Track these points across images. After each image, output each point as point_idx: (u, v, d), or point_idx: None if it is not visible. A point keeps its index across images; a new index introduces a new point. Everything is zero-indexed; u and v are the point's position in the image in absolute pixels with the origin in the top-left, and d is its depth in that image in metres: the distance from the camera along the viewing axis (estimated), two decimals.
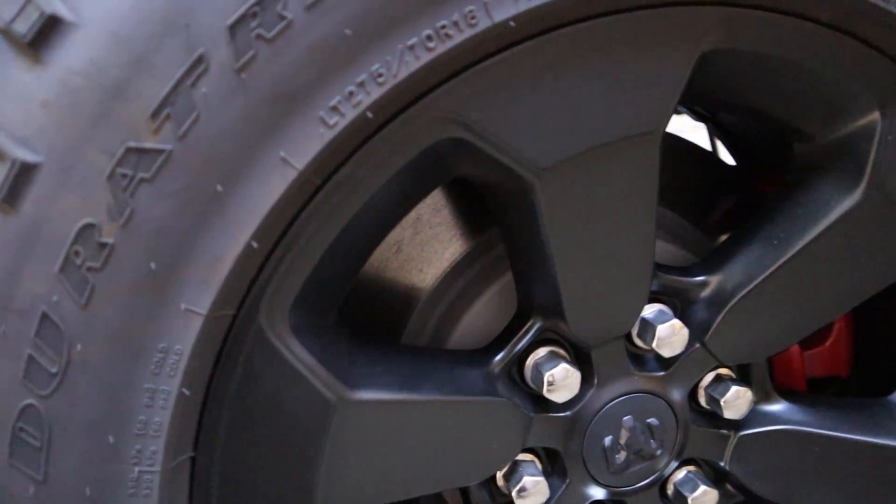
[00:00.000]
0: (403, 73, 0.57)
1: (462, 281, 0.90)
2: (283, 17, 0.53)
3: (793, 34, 0.70)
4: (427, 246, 0.91)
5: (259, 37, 0.53)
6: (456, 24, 0.57)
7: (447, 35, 0.57)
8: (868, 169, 0.78)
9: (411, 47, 0.56)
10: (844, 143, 0.79)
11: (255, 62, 0.54)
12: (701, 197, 1.03)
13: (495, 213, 0.79)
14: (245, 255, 0.58)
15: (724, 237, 1.07)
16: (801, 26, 0.70)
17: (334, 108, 0.56)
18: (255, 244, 0.58)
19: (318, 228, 0.63)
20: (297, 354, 0.66)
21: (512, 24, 0.58)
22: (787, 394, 0.93)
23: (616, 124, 0.66)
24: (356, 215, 0.65)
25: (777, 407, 0.92)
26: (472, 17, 0.57)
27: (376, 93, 0.57)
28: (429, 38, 0.57)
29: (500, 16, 0.58)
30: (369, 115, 0.57)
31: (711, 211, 1.04)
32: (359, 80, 0.56)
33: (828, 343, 1.02)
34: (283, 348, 0.65)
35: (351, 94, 0.56)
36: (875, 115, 0.76)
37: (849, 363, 1.04)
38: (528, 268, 0.78)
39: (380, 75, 0.56)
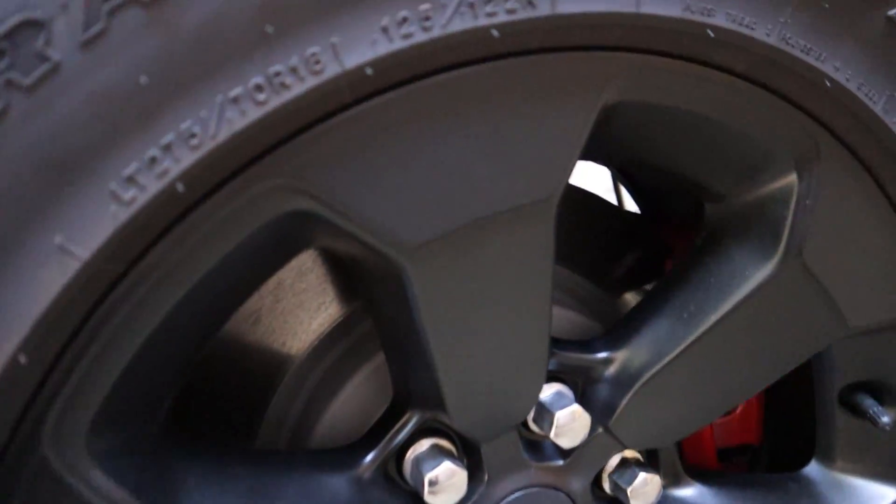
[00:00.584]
0: (225, 134, 0.43)
1: (332, 357, 0.77)
2: (45, 58, 0.39)
3: (704, 85, 0.61)
4: (290, 316, 0.77)
5: (11, 84, 0.38)
6: (294, 70, 0.44)
7: (283, 85, 0.44)
8: (784, 236, 0.69)
9: (235, 100, 0.43)
10: (759, 206, 0.71)
11: (6, 118, 0.39)
12: (600, 250, 0.94)
13: (361, 290, 0.66)
14: (9, 372, 0.43)
15: (627, 295, 0.99)
16: (714, 77, 0.60)
17: (131, 180, 0.42)
18: (22, 358, 0.43)
19: (122, 328, 0.48)
20: (101, 489, 0.50)
21: (369, 71, 0.46)
22: (698, 474, 0.84)
23: (503, 192, 0.54)
24: (179, 305, 0.51)
25: (688, 491, 0.83)
26: (316, 63, 0.44)
27: (189, 159, 0.43)
28: (258, 88, 0.43)
29: (353, 61, 0.45)
30: (180, 187, 0.43)
31: (613, 266, 0.95)
32: (163, 142, 0.42)
33: (738, 412, 0.94)
34: (79, 484, 0.49)
35: (153, 160, 0.42)
36: (792, 177, 0.68)
37: (760, 431, 0.96)
38: (401, 355, 0.65)
39: (192, 136, 0.43)
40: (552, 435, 0.70)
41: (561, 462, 0.73)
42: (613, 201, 1.24)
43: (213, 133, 0.43)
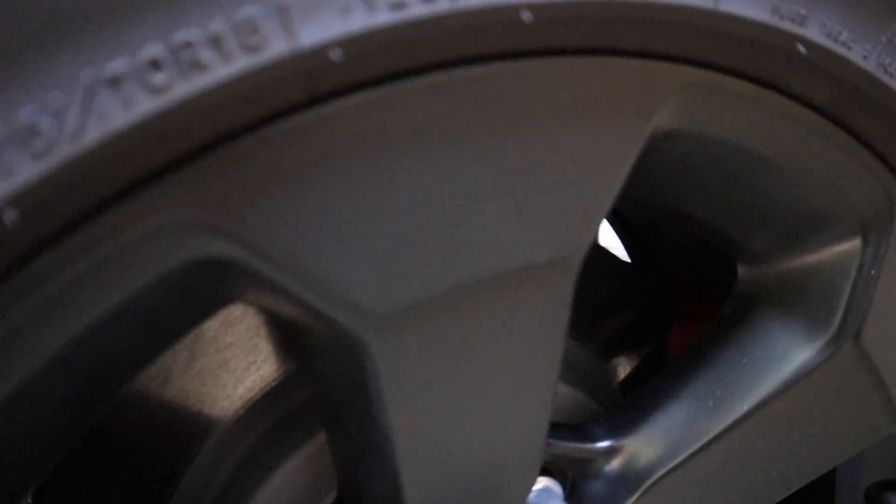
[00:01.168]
0: (93, 135, 0.26)
1: (261, 432, 0.59)
2: None
3: (771, 117, 0.46)
4: (211, 377, 0.60)
5: None
6: (216, 42, 0.27)
7: (195, 64, 0.27)
8: (840, 312, 0.55)
9: (113, 81, 0.26)
10: (810, 274, 0.56)
11: None
12: (587, 303, 0.78)
13: (305, 361, 0.50)
14: None
15: (620, 359, 0.84)
16: (784, 107, 0.46)
17: None
18: None
19: None
20: None
21: (335, 55, 0.29)
22: None
23: (511, 246, 0.39)
24: (45, 366, 0.34)
25: None
26: (253, 32, 0.28)
27: (25, 174, 0.26)
28: (154, 65, 0.27)
29: (312, 36, 0.29)
30: (11, 216, 0.26)
31: (601, 323, 0.80)
32: None
33: None
34: None
35: None
36: (856, 241, 0.54)
37: None
38: (351, 445, 0.49)
39: (34, 135, 0.26)
40: None
41: None
42: None
43: (73, 132, 0.26)
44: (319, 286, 0.34)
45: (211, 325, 0.59)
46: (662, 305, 0.79)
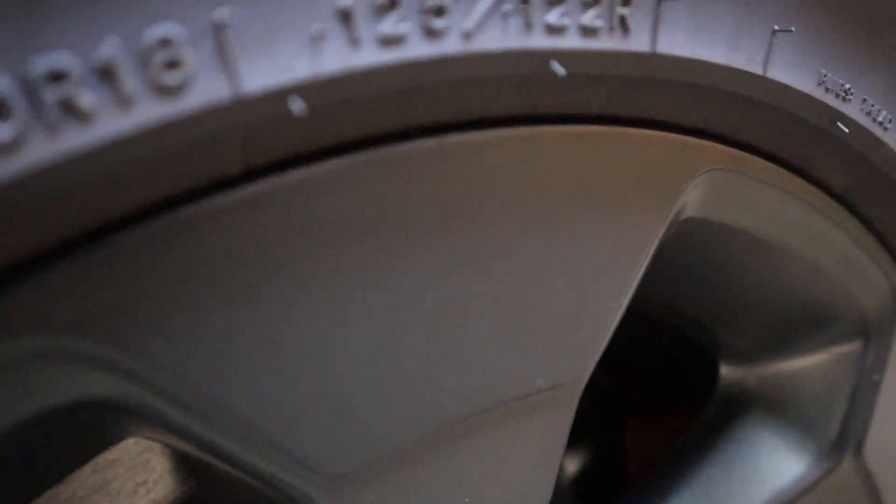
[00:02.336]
0: None
1: None
2: None
3: (790, 205, 0.39)
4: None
5: None
6: (106, 72, 0.17)
7: (70, 108, 0.17)
8: (839, 422, 0.48)
9: None
10: (805, 377, 0.49)
11: None
12: None
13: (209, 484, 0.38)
14: None
15: (569, 455, 0.74)
16: (805, 194, 0.39)
17: None
18: None
19: None
20: None
21: (296, 106, 0.19)
22: None
23: (510, 376, 0.29)
24: None
25: None
26: (172, 66, 0.17)
27: None
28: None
29: (253, 82, 0.19)
30: None
31: None
32: None
33: None
34: None
35: None
36: (857, 343, 0.48)
37: None
38: None
39: None
40: None
41: None
42: None
43: None
44: (253, 441, 0.23)
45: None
46: (618, 398, 0.71)
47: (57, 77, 0.16)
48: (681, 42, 0.27)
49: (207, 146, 0.19)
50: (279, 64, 0.19)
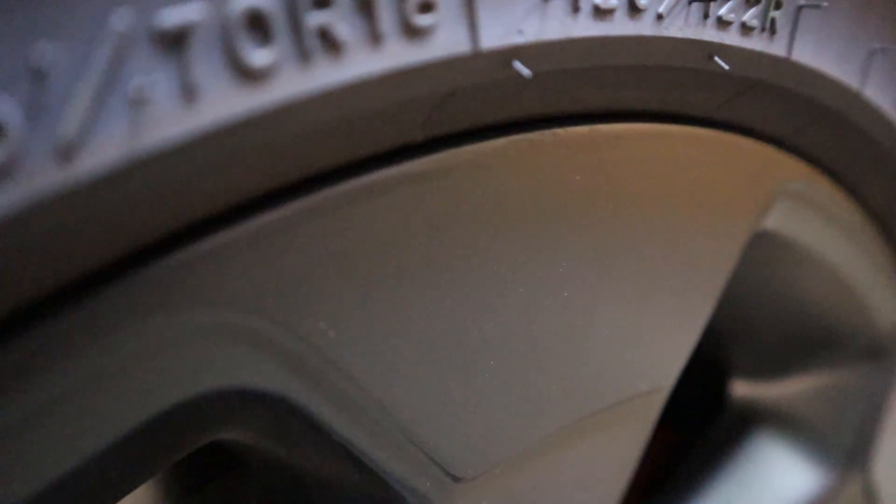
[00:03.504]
0: None
1: None
2: None
3: (844, 220, 0.41)
4: None
5: None
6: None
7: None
8: (848, 441, 0.50)
9: None
10: (814, 396, 0.51)
11: None
12: None
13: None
14: None
15: None
16: (853, 210, 0.41)
17: None
18: None
19: None
20: None
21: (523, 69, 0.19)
22: None
23: (616, 380, 0.28)
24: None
25: None
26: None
27: None
28: None
29: (490, 40, 0.18)
30: None
31: None
32: None
33: None
34: None
35: None
36: (868, 364, 0.50)
37: None
38: None
39: None
40: None
41: None
42: None
43: None
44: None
45: None
46: None
47: (322, 4, 0.15)
48: (809, 52, 0.28)
49: (417, 103, 0.18)
50: (511, 25, 0.18)
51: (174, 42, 0.14)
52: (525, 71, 0.18)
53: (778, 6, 0.25)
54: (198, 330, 0.18)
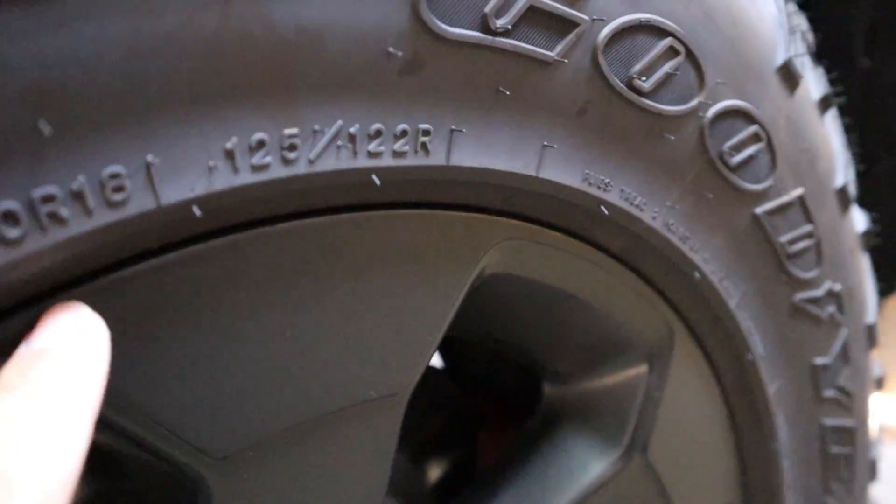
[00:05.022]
0: None
1: None
2: None
3: (577, 261, 0.53)
4: None
5: None
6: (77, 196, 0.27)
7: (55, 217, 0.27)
8: (630, 429, 0.62)
9: None
10: (605, 395, 0.63)
11: None
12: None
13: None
14: None
15: (431, 464, 0.86)
16: (588, 254, 0.52)
17: None
18: None
19: None
20: None
21: (196, 210, 0.30)
22: None
23: (347, 385, 0.40)
24: None
25: None
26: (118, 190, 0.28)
27: None
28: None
29: (170, 198, 0.29)
30: None
31: (414, 429, 0.82)
32: None
33: None
34: None
35: None
36: (643, 367, 0.62)
37: None
38: None
39: None
40: None
41: None
42: None
43: None
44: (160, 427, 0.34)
45: None
46: (471, 413, 0.83)
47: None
48: (471, 157, 0.39)
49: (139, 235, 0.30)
50: (186, 187, 0.30)
51: None
52: (198, 212, 0.30)
53: (426, 134, 0.37)
54: None
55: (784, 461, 0.71)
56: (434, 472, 0.84)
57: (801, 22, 0.68)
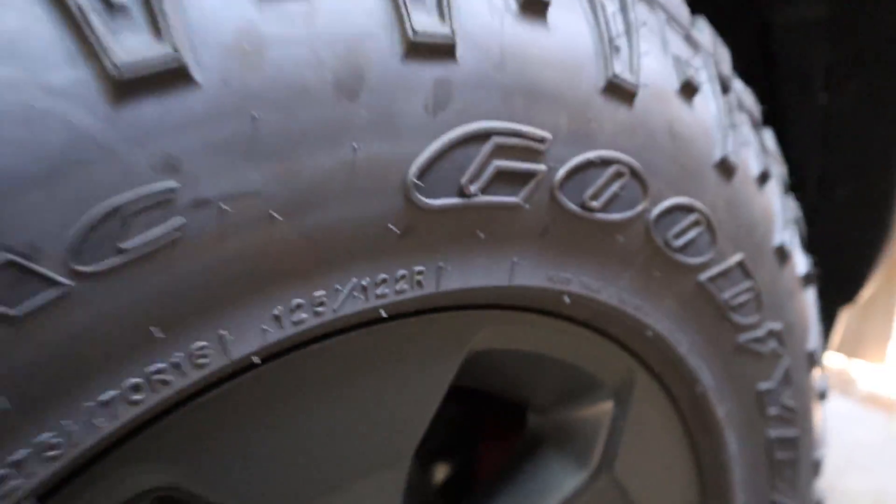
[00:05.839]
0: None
1: None
2: None
3: (551, 332, 0.65)
4: None
5: None
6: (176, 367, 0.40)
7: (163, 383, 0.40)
8: (599, 451, 0.75)
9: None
10: (578, 422, 0.76)
11: None
12: None
13: None
14: None
15: (437, 468, 1.00)
16: (560, 325, 0.65)
17: None
18: None
19: None
20: None
21: (255, 358, 0.43)
22: None
23: (364, 457, 0.53)
24: None
25: None
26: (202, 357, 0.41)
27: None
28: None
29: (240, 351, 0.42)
30: None
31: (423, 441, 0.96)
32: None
33: None
34: None
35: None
36: (609, 403, 0.74)
37: None
38: None
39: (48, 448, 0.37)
40: None
41: None
42: None
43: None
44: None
45: None
46: (473, 426, 0.97)
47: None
48: (454, 281, 0.52)
49: (215, 376, 0.43)
50: (247, 345, 0.42)
51: None
52: (256, 360, 0.43)
53: (420, 273, 0.49)
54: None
55: (735, 468, 0.84)
56: (440, 476, 0.98)
57: (747, 98, 0.79)
